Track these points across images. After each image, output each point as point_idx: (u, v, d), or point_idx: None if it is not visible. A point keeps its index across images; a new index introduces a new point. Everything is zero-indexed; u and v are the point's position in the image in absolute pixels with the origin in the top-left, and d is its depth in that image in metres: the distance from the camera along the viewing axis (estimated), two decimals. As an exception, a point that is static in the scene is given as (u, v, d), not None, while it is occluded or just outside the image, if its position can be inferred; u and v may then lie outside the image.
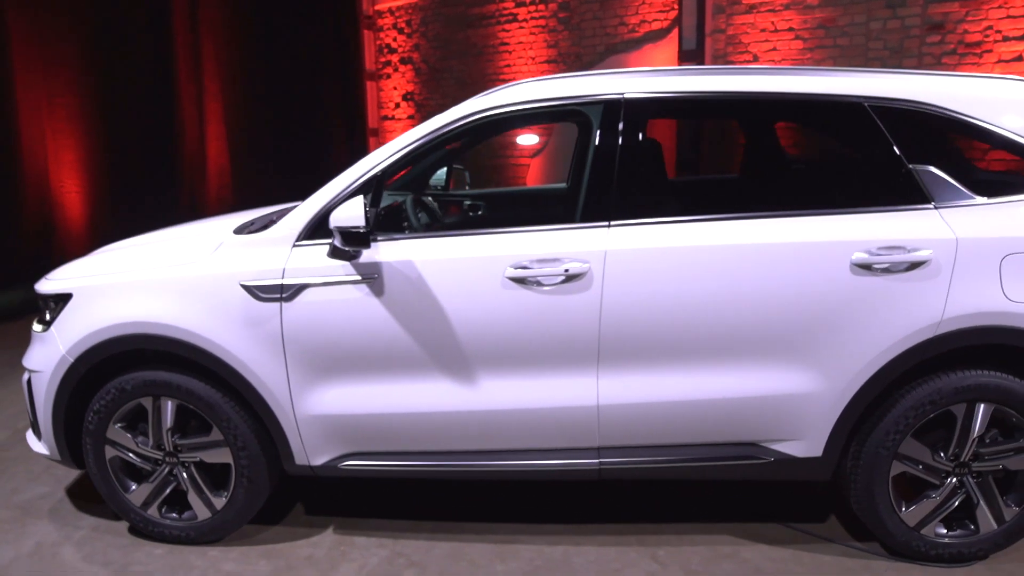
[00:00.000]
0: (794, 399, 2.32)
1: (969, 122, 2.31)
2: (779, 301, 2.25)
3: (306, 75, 8.20)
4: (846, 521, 2.68)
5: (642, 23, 6.93)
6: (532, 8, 7.70)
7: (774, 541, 2.59)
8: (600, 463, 2.40)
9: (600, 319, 2.25)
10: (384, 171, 2.41)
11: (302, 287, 2.37)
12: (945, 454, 2.35)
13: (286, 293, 2.38)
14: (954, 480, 2.37)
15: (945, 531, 2.44)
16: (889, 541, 2.46)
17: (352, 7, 8.91)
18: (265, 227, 2.55)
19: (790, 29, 6.03)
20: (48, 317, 2.63)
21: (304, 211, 2.44)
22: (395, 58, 9.21)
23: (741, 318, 2.27)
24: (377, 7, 9.23)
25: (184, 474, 2.60)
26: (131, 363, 2.56)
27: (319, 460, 2.51)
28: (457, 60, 8.58)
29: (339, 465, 2.51)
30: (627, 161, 2.35)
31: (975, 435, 2.30)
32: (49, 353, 2.57)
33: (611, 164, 2.34)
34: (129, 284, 2.52)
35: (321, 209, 2.40)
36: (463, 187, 4.44)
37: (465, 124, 2.43)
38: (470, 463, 2.45)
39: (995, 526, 2.39)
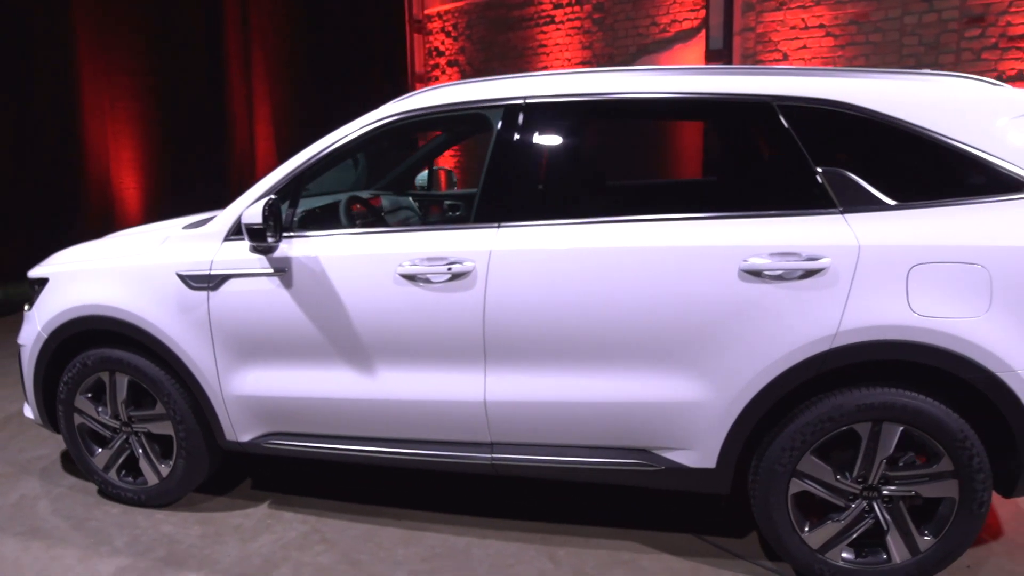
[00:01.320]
0: (682, 407, 2.29)
1: (894, 123, 2.17)
2: (663, 306, 2.22)
3: (354, 77, 8.62)
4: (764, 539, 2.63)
5: (673, 23, 6.83)
6: (568, 10, 7.75)
7: (680, 552, 2.56)
8: (492, 458, 2.48)
9: (484, 317, 2.34)
10: (302, 174, 2.60)
11: (226, 277, 2.60)
12: (851, 475, 2.24)
13: (212, 283, 2.61)
14: (863, 504, 2.25)
15: (853, 557, 2.31)
16: (791, 562, 2.37)
17: (401, 11, 9.25)
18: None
19: (821, 26, 5.80)
20: (34, 299, 3.00)
21: (234, 209, 2.66)
22: (443, 61, 9.48)
23: (625, 322, 2.26)
24: (427, 11, 9.52)
25: (136, 443, 2.90)
26: (98, 340, 2.87)
27: (245, 437, 2.73)
28: (499, 62, 8.73)
29: (263, 444, 2.72)
30: (521, 163, 2.42)
31: (882, 457, 2.18)
32: (31, 330, 2.93)
33: (506, 166, 2.42)
34: (90, 271, 2.84)
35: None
36: (452, 188, 4.60)
37: (378, 128, 2.57)
38: (376, 449, 2.60)
39: (908, 556, 2.25)
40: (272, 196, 2.47)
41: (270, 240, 2.44)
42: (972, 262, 2.04)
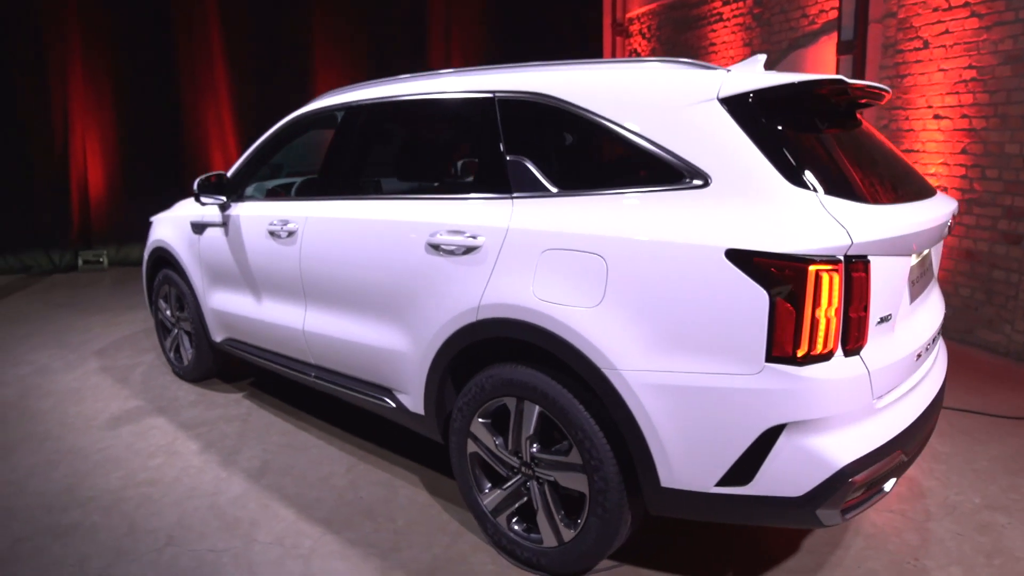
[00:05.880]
0: (395, 355, 2.66)
1: (576, 113, 2.18)
2: (377, 267, 2.68)
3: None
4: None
5: (820, 12, 6.26)
6: (735, 6, 7.51)
7: (434, 492, 2.92)
8: (313, 377, 3.21)
9: (300, 265, 3.11)
10: (252, 160, 3.63)
11: (206, 225, 3.79)
12: (507, 447, 2.36)
13: (201, 229, 3.83)
14: (520, 478, 2.34)
15: (520, 528, 2.39)
16: (474, 516, 2.53)
17: (595, 17, 9.81)
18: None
19: (965, 4, 4.88)
20: (149, 235, 4.62)
21: (217, 181, 3.84)
22: (638, 61, 9.80)
23: (359, 278, 2.77)
24: (628, 15, 9.91)
25: (180, 335, 4.32)
26: (165, 264, 4.31)
27: (218, 339, 3.92)
28: (679, 61, 8.77)
29: (225, 345, 3.88)
30: (337, 152, 3.09)
31: (526, 435, 2.27)
32: (145, 254, 4.55)
33: (330, 154, 3.13)
34: (165, 218, 4.31)
35: (225, 180, 3.77)
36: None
37: (296, 122, 3.46)
38: (266, 359, 3.53)
39: (555, 543, 2.28)
40: (220, 172, 3.59)
41: (204, 202, 3.55)
42: (592, 251, 2.02)
